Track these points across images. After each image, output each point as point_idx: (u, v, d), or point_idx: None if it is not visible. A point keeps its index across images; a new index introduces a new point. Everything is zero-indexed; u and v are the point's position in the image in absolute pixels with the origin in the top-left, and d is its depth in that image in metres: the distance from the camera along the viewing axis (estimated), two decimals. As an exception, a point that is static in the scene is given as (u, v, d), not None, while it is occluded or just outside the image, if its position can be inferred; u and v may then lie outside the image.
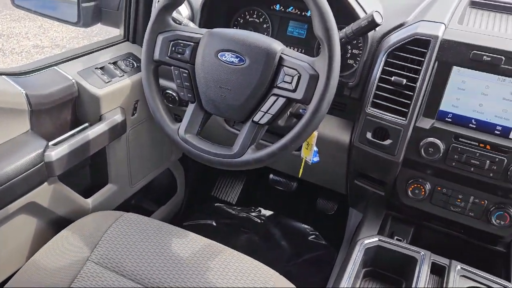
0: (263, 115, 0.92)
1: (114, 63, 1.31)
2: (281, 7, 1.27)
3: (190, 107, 1.00)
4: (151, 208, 1.66)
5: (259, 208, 1.94)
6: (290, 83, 0.89)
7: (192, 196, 1.89)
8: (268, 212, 1.93)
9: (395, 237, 1.17)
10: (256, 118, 0.93)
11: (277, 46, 0.91)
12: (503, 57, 0.91)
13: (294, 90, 0.89)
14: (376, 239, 1.04)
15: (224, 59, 0.93)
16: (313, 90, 0.87)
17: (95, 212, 1.15)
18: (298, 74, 0.88)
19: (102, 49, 1.33)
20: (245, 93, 0.92)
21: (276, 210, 1.93)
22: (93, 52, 1.30)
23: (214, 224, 1.87)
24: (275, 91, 0.91)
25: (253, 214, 1.93)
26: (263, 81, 0.90)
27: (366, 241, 1.03)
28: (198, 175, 1.90)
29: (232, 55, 0.92)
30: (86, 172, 1.37)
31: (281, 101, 0.91)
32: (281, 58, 0.90)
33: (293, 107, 1.12)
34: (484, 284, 0.94)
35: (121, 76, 1.29)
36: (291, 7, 1.26)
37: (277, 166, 1.50)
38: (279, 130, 0.98)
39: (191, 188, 1.86)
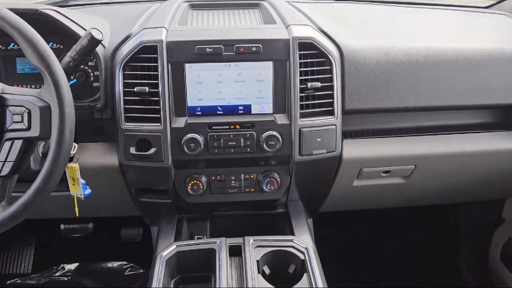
0: (3, 165, 0.82)
1: None
2: (1, 46, 1.14)
3: None
4: None
5: (62, 265, 1.74)
6: (22, 121, 0.81)
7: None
8: (73, 265, 1.74)
9: (196, 237, 1.20)
10: (-5, 171, 0.81)
11: None
12: (222, 46, 1.01)
13: (28, 128, 0.81)
14: (174, 246, 1.04)
15: None
16: (49, 122, 0.81)
17: None
18: (27, 110, 0.81)
19: None
20: (-30, 148, 0.79)
21: (82, 259, 1.76)
22: None
23: (12, 304, 1.60)
24: (8, 135, 0.81)
25: (57, 274, 1.72)
26: (-11, 129, 0.79)
27: (164, 253, 1.02)
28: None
29: None
30: None
31: (18, 144, 0.82)
32: (2, 99, 0.81)
33: (44, 147, 1.02)
34: (275, 246, 1.04)
35: None
36: (12, 44, 1.14)
37: (52, 214, 1.36)
38: (35, 176, 0.88)
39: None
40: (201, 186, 1.09)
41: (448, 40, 1.15)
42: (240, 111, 1.05)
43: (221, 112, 1.05)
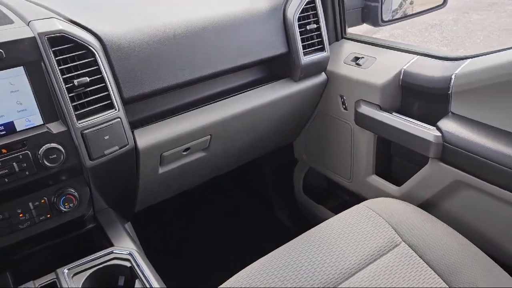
0: None
1: None
2: None
3: None
4: None
5: None
6: None
7: None
8: None
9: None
10: None
11: None
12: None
13: None
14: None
15: None
16: None
17: None
18: None
19: None
20: None
21: None
22: None
23: None
24: None
25: None
26: None
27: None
28: None
29: None
30: None
31: None
32: None
33: None
34: (95, 265, 0.93)
35: None
36: None
37: None
38: None
39: None
40: (-18, 235, 0.89)
41: (202, 9, 1.18)
42: (1, 133, 0.88)
43: (-25, 139, 0.86)
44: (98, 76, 0.95)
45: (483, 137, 1.06)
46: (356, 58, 1.37)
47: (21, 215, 0.94)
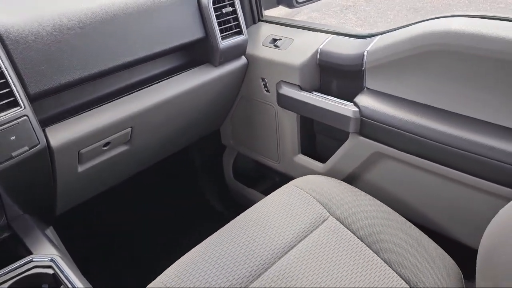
0: None
1: None
2: None
3: None
4: None
5: None
6: None
7: None
8: None
9: None
10: None
11: None
12: None
13: None
14: None
15: None
16: None
17: None
18: None
19: None
20: None
21: None
22: None
23: None
24: None
25: None
26: None
27: None
28: None
29: None
30: None
31: None
32: None
33: None
34: (13, 277, 0.86)
35: None
36: None
37: None
38: None
39: None
40: None
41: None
42: None
43: None
44: (-4, 72, 0.87)
45: (396, 109, 1.12)
46: (274, 40, 1.38)
47: None
